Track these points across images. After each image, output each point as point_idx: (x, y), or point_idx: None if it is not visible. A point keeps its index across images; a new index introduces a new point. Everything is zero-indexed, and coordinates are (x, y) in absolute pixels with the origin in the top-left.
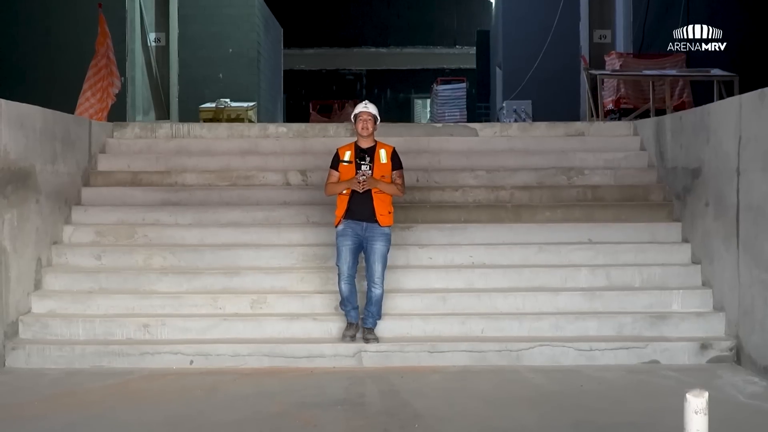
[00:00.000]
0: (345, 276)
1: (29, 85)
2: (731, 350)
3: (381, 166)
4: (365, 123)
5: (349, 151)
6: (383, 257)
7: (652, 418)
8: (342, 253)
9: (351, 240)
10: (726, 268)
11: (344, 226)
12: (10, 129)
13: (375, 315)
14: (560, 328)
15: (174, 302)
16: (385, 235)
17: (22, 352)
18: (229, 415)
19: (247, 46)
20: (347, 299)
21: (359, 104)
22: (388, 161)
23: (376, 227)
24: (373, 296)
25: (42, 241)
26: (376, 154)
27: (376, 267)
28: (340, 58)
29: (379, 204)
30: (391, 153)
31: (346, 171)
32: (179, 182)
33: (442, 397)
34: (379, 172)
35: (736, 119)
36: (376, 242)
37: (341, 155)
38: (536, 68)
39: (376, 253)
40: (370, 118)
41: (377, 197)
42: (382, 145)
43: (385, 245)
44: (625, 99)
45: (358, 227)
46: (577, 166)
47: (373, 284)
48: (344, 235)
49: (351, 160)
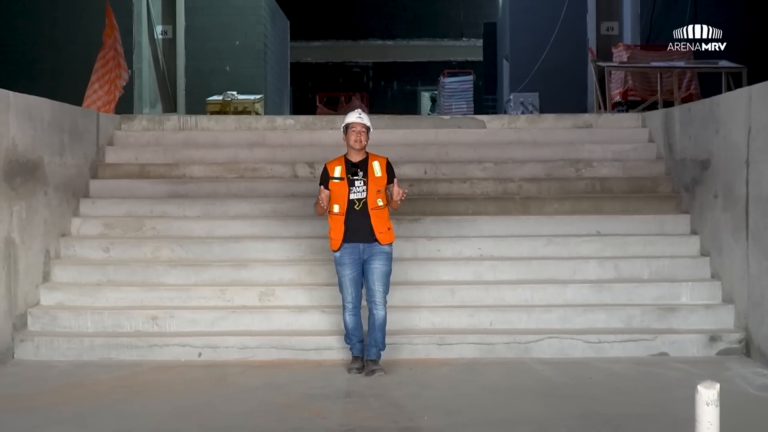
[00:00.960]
0: (350, 308)
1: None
2: (740, 342)
3: (376, 180)
4: (359, 136)
5: (340, 167)
6: (385, 277)
7: (660, 410)
8: (344, 284)
9: (351, 269)
10: (735, 260)
11: (342, 253)
12: (18, 121)
13: (379, 343)
14: (569, 321)
15: (182, 294)
16: (385, 254)
17: (30, 344)
18: (237, 406)
19: (253, 38)
20: (353, 332)
21: (350, 114)
22: (383, 174)
23: (375, 246)
24: (376, 320)
25: (50, 233)
26: (370, 167)
27: (377, 288)
28: (347, 51)
29: (378, 221)
30: (386, 165)
31: (338, 189)
32: (187, 174)
33: (451, 389)
34: (374, 187)
35: (746, 110)
36: (375, 261)
37: (331, 171)
38: (543, 60)
39: (375, 273)
40: (364, 130)
41: (375, 214)
42: (375, 156)
43: (386, 264)
44: (633, 91)
45: (356, 250)
46: (585, 157)
47: (374, 305)
48: (343, 263)
49: (342, 176)
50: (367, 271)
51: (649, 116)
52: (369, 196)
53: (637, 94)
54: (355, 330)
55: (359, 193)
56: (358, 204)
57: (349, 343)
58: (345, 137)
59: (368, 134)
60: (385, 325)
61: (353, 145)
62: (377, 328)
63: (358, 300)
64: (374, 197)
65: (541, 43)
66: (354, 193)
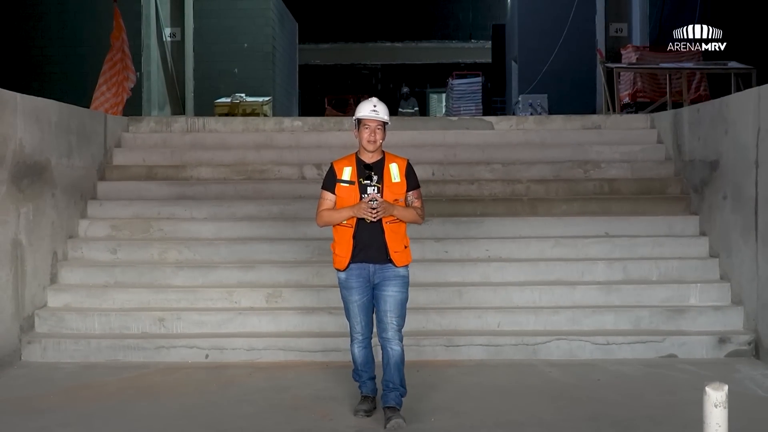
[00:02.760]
0: (359, 339)
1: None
2: (750, 344)
3: (392, 187)
4: (373, 134)
5: (350, 167)
6: (401, 307)
7: (669, 412)
8: (352, 311)
9: (360, 293)
10: (744, 261)
11: (348, 274)
12: (26, 122)
13: (398, 386)
14: (577, 322)
15: (189, 296)
16: (401, 278)
17: (38, 346)
18: (244, 408)
19: (262, 40)
20: (363, 367)
21: (363, 104)
22: (402, 179)
23: (389, 269)
24: (391, 358)
25: (58, 235)
26: (386, 170)
27: (390, 320)
28: (356, 53)
29: (393, 237)
30: (405, 168)
31: (347, 194)
32: (194, 176)
33: (459, 390)
34: (390, 195)
35: (755, 111)
36: (389, 288)
37: (338, 173)
38: (552, 62)
39: (389, 301)
40: (380, 126)
41: (390, 229)
42: (393, 157)
43: (402, 291)
44: (642, 92)
45: (365, 272)
46: (593, 159)
47: (388, 341)
48: (350, 287)
49: (353, 179)
50: (378, 299)
51: (658, 117)
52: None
53: (646, 95)
54: (366, 365)
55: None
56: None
57: (358, 380)
58: (356, 133)
59: (385, 131)
60: (403, 363)
61: (366, 145)
62: (394, 367)
63: (368, 329)
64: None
65: (550, 44)
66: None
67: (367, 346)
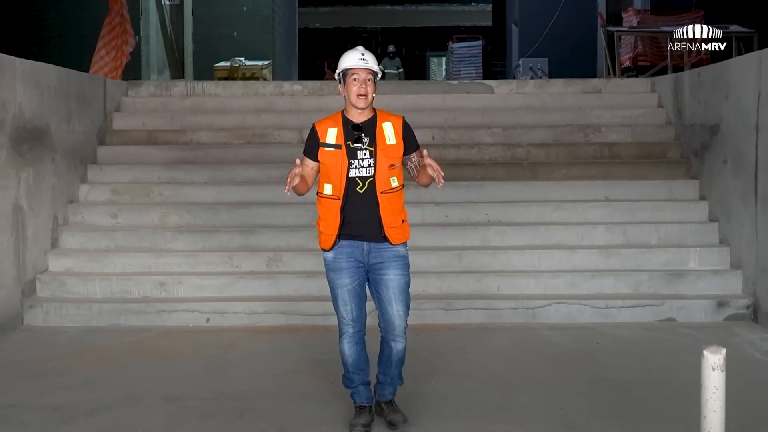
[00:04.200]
0: (351, 332)
1: (44, 43)
2: (748, 308)
3: (387, 150)
4: (363, 85)
5: (335, 129)
6: (404, 292)
7: (668, 375)
8: (341, 297)
9: (351, 276)
10: (744, 226)
11: (336, 253)
12: (25, 87)
13: (395, 379)
14: (576, 286)
15: (190, 260)
16: (401, 259)
17: (39, 311)
18: (245, 371)
19: (261, 3)
20: (355, 370)
21: (349, 54)
22: (398, 140)
23: (386, 248)
24: (393, 353)
25: (58, 199)
26: (378, 130)
27: (395, 310)
28: (355, 16)
29: (390, 210)
30: (402, 127)
31: (333, 160)
32: (194, 140)
33: (458, 354)
34: (385, 160)
35: (756, 75)
36: (389, 271)
37: (322, 135)
38: (552, 25)
39: (390, 287)
40: (371, 77)
41: (386, 199)
42: (386, 115)
43: (404, 274)
44: (643, 56)
45: (357, 251)
46: (594, 123)
47: (392, 336)
48: (339, 269)
49: (339, 142)
50: (376, 285)
51: (659, 81)
52: (378, 173)
53: (647, 59)
54: (359, 366)
55: (364, 168)
56: (361, 184)
57: (350, 386)
58: (342, 89)
59: (375, 84)
60: (404, 358)
61: (355, 101)
62: (395, 363)
63: (362, 320)
64: (385, 175)
65: (551, 7)
66: (356, 169)
67: (359, 341)
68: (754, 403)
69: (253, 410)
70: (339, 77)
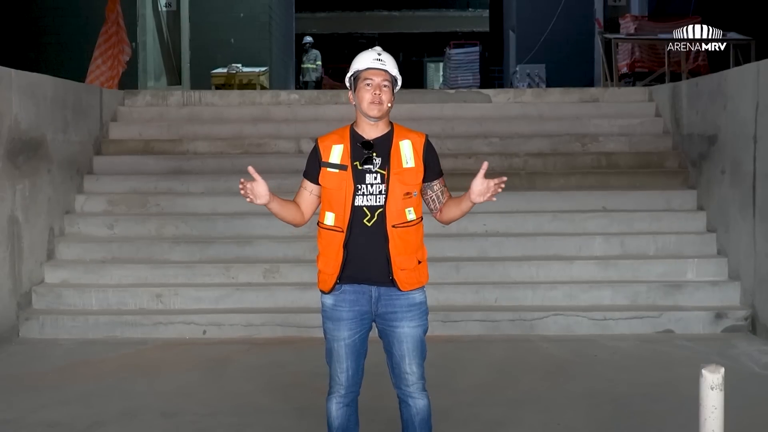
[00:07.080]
0: (342, 393)
1: (41, 49)
2: (746, 320)
3: (403, 174)
4: (377, 91)
5: (340, 146)
6: (421, 346)
7: (666, 389)
8: (336, 352)
9: (351, 329)
10: (742, 237)
11: (337, 299)
12: (21, 98)
13: None
14: (574, 297)
15: (187, 272)
16: (417, 307)
17: (35, 323)
18: (242, 385)
19: (258, 10)
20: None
21: (364, 55)
22: (418, 164)
23: (398, 295)
24: (415, 415)
25: (54, 210)
26: (394, 149)
27: (409, 367)
28: (353, 22)
29: (402, 248)
30: (424, 147)
31: (337, 184)
32: (191, 150)
33: (457, 367)
34: (400, 187)
35: (754, 85)
36: (401, 323)
37: (325, 153)
38: (550, 31)
39: (404, 341)
40: (387, 84)
41: (398, 235)
42: (405, 132)
43: (419, 325)
44: (640, 62)
45: (362, 298)
46: (591, 132)
47: (408, 394)
48: (337, 319)
49: (344, 162)
50: (387, 336)
51: (656, 90)
52: (390, 202)
53: (645, 65)
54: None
55: (373, 195)
56: (369, 215)
57: None
58: (353, 97)
59: (394, 91)
60: (430, 419)
61: (367, 109)
62: (419, 426)
63: (357, 380)
64: (399, 204)
65: (548, 14)
66: (363, 196)
67: (350, 403)
68: (753, 419)
69: (249, 426)
70: (350, 82)
